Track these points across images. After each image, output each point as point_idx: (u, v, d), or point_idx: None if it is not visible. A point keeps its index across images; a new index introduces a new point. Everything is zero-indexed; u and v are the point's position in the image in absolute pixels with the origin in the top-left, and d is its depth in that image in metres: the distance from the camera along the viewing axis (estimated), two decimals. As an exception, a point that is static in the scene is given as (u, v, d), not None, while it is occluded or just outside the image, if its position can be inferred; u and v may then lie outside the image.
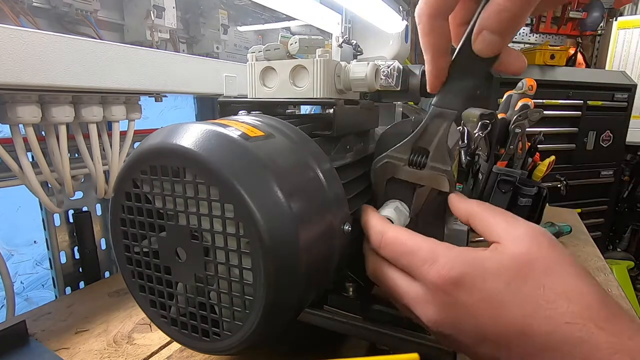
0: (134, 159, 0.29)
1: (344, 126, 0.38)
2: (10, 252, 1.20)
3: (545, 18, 2.32)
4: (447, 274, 0.25)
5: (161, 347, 0.42)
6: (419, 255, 0.27)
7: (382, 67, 0.41)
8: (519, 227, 0.27)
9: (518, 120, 0.79)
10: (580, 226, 0.86)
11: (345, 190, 0.33)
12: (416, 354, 0.20)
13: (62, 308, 0.51)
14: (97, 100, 0.52)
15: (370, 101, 0.45)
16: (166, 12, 0.62)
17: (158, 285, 0.31)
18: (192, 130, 0.27)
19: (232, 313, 0.27)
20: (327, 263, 0.30)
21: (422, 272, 0.26)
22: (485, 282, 0.25)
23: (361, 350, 0.41)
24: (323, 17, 0.96)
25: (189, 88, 0.61)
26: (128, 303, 0.52)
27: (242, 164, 0.25)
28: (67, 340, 0.44)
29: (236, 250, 0.26)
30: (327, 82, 0.37)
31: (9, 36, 0.38)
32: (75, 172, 0.55)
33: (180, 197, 0.27)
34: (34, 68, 0.41)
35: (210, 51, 0.79)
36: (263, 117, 0.34)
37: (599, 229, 2.02)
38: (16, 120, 0.44)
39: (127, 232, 0.30)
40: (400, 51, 1.32)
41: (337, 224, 0.30)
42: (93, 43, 0.47)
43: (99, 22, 0.60)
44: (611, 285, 0.58)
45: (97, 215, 0.67)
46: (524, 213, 0.79)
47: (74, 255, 0.65)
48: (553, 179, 1.71)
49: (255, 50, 0.40)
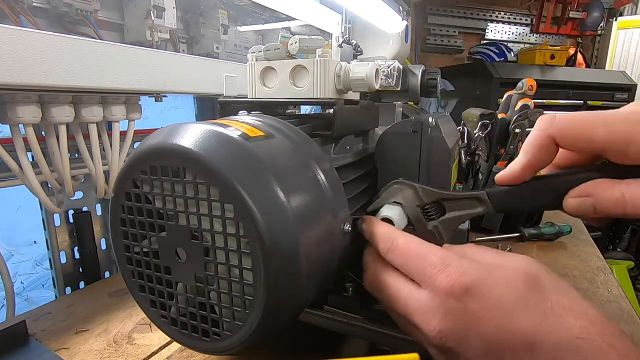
0: (134, 159, 0.28)
1: (344, 126, 0.38)
2: (10, 252, 1.20)
3: (545, 18, 2.32)
4: (458, 279, 0.25)
5: (161, 347, 0.42)
6: (430, 259, 0.27)
7: (382, 67, 0.41)
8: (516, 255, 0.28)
9: (518, 120, 0.79)
10: (580, 226, 0.86)
11: (345, 190, 0.33)
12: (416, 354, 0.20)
13: (62, 308, 0.51)
14: (97, 100, 0.52)
15: (370, 101, 0.45)
16: (166, 12, 0.62)
17: (158, 285, 0.31)
18: (192, 130, 0.27)
19: (232, 313, 0.27)
20: (327, 263, 0.30)
21: (432, 276, 0.26)
22: (495, 291, 0.25)
23: (361, 350, 0.41)
24: (323, 17, 0.96)
25: (189, 88, 0.61)
26: (128, 303, 0.52)
27: (242, 164, 0.25)
28: (67, 340, 0.44)
29: (236, 251, 0.26)
30: (327, 82, 0.37)
31: (9, 36, 0.38)
32: (75, 172, 0.55)
33: (180, 197, 0.27)
34: (34, 68, 0.41)
35: (210, 51, 0.79)
36: (263, 117, 0.34)
37: (599, 229, 2.02)
38: (16, 120, 0.44)
39: (127, 232, 0.30)
40: (400, 51, 1.32)
41: (337, 224, 0.30)
42: (93, 43, 0.47)
43: (99, 22, 0.60)
44: (611, 285, 0.58)
45: (97, 215, 0.67)
46: (524, 213, 0.79)
47: (74, 255, 0.65)
48: (553, 179, 1.71)
49: (255, 50, 0.40)
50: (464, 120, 0.84)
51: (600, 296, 0.55)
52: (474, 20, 2.33)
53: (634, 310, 0.51)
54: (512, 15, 2.38)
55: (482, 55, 2.14)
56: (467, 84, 1.79)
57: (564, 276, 0.61)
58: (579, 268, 0.64)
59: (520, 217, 0.79)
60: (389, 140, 0.40)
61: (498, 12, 2.36)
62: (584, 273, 0.62)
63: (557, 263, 0.65)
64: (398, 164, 0.39)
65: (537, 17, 2.34)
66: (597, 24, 2.27)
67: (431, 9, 2.22)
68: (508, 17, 2.38)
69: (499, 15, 2.37)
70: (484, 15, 2.34)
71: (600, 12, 2.21)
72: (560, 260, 0.67)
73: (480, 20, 2.34)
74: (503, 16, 2.37)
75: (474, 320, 0.24)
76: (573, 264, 0.65)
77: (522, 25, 2.41)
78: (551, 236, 0.75)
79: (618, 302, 0.53)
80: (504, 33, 2.40)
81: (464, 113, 0.85)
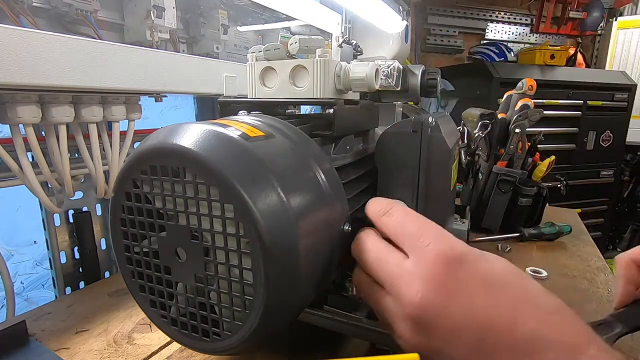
0: (134, 159, 0.28)
1: (344, 126, 0.38)
2: (10, 252, 1.20)
3: (545, 18, 2.32)
4: (452, 247, 0.25)
5: (161, 347, 0.42)
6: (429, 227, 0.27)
7: (382, 67, 0.41)
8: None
9: (518, 120, 0.79)
10: (580, 226, 0.86)
11: (345, 190, 0.33)
12: (416, 354, 0.20)
13: (62, 308, 0.51)
14: (97, 100, 0.52)
15: (370, 101, 0.45)
16: (166, 12, 0.62)
17: (158, 285, 0.31)
18: (192, 130, 0.27)
19: (232, 313, 0.27)
20: (327, 263, 0.30)
21: (425, 242, 0.26)
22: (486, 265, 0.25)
23: (361, 350, 0.41)
24: (323, 17, 0.96)
25: (189, 88, 0.61)
26: (128, 303, 0.52)
27: (242, 164, 0.26)
28: (67, 340, 0.44)
29: (236, 251, 0.26)
30: (327, 82, 0.37)
31: (9, 36, 0.38)
32: (75, 172, 0.55)
33: (180, 197, 0.27)
34: (34, 68, 0.41)
35: (210, 51, 0.79)
36: (263, 117, 0.34)
37: (599, 229, 2.02)
38: (16, 120, 0.44)
39: (127, 232, 0.30)
40: (400, 51, 1.32)
41: (337, 224, 0.30)
42: (93, 43, 0.47)
43: (99, 22, 0.60)
44: (611, 285, 0.58)
45: (97, 215, 0.67)
46: (524, 213, 0.79)
47: (74, 255, 0.65)
48: (553, 179, 1.72)
49: (255, 50, 0.40)
50: (464, 120, 0.84)
51: (600, 296, 0.55)
52: (474, 20, 2.33)
53: (634, 310, 0.51)
54: (512, 15, 2.38)
55: (482, 55, 2.14)
56: (467, 84, 1.79)
57: (564, 276, 0.61)
58: (579, 268, 0.64)
59: (520, 217, 0.79)
60: (389, 140, 0.40)
61: (498, 12, 2.36)
62: (584, 273, 0.62)
63: (557, 263, 0.65)
64: (398, 164, 0.39)
65: (537, 17, 2.34)
66: (597, 24, 2.27)
67: (431, 9, 2.22)
68: (508, 17, 2.38)
69: (499, 15, 2.37)
70: (484, 15, 2.34)
71: (600, 12, 2.21)
72: (560, 260, 0.67)
73: (480, 20, 2.34)
74: (503, 16, 2.37)
75: (462, 290, 0.24)
76: (573, 264, 0.65)
77: (522, 25, 2.41)
78: (551, 236, 0.75)
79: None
80: (504, 33, 2.40)
81: (464, 113, 0.85)
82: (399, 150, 0.39)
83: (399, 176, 0.39)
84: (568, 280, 0.60)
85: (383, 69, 0.41)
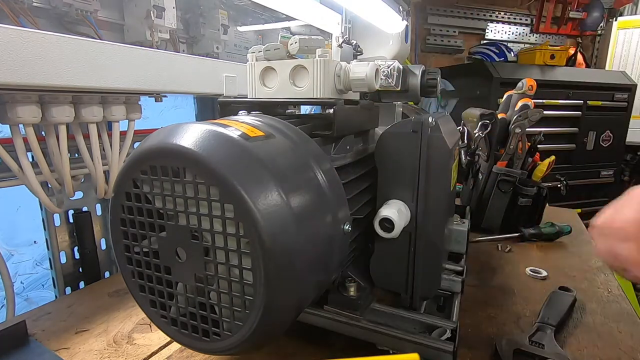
0: (134, 159, 0.28)
1: (344, 126, 0.38)
2: (10, 252, 1.20)
3: (545, 18, 2.33)
4: None
5: (161, 347, 0.42)
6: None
7: (382, 67, 0.41)
8: None
9: (518, 120, 0.79)
10: (580, 226, 0.86)
11: (345, 190, 0.33)
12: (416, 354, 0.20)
13: (62, 308, 0.51)
14: (97, 100, 0.52)
15: (370, 101, 0.45)
16: (166, 12, 0.62)
17: (158, 285, 0.31)
18: (192, 130, 0.27)
19: (232, 313, 0.27)
20: (327, 263, 0.30)
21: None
22: None
23: (361, 350, 0.41)
24: (323, 17, 0.96)
25: (189, 88, 0.61)
26: (128, 303, 0.52)
27: (242, 164, 0.26)
28: (67, 340, 0.44)
29: (236, 251, 0.26)
30: (327, 82, 0.37)
31: (9, 36, 0.38)
32: (75, 172, 0.55)
33: (180, 197, 0.27)
34: (34, 68, 0.41)
35: (210, 51, 0.79)
36: (263, 117, 0.34)
37: (599, 229, 2.01)
38: (16, 120, 0.44)
39: (127, 232, 0.30)
40: (400, 51, 1.32)
41: (337, 224, 0.30)
42: (93, 43, 0.47)
43: (99, 22, 0.60)
44: (611, 285, 0.58)
45: (97, 215, 0.67)
46: (524, 213, 0.79)
47: (74, 255, 0.65)
48: (553, 179, 1.71)
49: (255, 50, 0.40)
50: (464, 120, 0.84)
51: (600, 296, 0.55)
52: (474, 20, 2.33)
53: (634, 311, 0.51)
54: (512, 15, 2.38)
55: (482, 55, 2.14)
56: (467, 84, 1.79)
57: (563, 276, 0.61)
58: (579, 268, 0.64)
59: (520, 217, 0.79)
60: (389, 140, 0.40)
61: (498, 12, 2.36)
62: (584, 273, 0.62)
63: (557, 263, 0.65)
64: (398, 163, 0.39)
65: (537, 17, 2.34)
66: (597, 24, 2.27)
67: (431, 9, 2.22)
68: (508, 17, 2.38)
69: (499, 15, 2.37)
70: (484, 15, 2.34)
71: (600, 12, 2.21)
72: (560, 260, 0.67)
73: (480, 20, 2.34)
74: (503, 16, 2.37)
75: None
76: (573, 264, 0.65)
77: (522, 25, 2.42)
78: (551, 236, 0.75)
79: (618, 302, 0.53)
80: (504, 33, 2.40)
81: (464, 113, 0.85)
82: (399, 150, 0.39)
83: (399, 176, 0.39)
84: (568, 280, 0.60)
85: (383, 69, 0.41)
